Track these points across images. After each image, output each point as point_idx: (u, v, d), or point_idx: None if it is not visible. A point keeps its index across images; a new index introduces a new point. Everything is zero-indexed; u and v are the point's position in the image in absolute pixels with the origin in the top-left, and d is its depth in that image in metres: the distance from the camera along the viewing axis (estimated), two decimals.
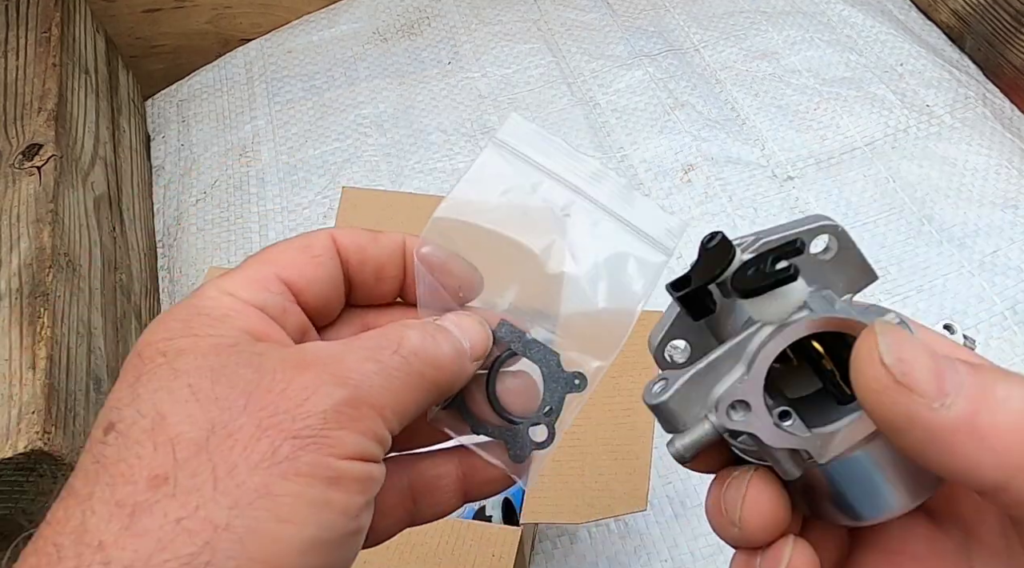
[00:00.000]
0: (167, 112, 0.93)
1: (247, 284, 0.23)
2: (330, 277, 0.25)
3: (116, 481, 0.19)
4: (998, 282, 0.70)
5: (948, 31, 0.90)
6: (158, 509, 0.18)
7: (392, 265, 0.26)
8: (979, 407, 0.17)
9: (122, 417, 0.20)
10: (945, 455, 0.17)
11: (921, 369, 0.17)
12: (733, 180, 0.79)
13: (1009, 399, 0.17)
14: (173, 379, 0.20)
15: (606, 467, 0.46)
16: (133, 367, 0.21)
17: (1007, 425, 0.17)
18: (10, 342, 0.55)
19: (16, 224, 0.61)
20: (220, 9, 0.94)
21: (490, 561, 0.43)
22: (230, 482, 0.19)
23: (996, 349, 0.66)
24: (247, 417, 0.20)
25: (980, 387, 0.17)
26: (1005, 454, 0.17)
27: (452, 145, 0.85)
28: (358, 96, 0.90)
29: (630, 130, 0.84)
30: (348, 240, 0.25)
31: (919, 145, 0.80)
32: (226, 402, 0.20)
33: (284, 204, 0.82)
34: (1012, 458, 0.17)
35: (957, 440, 0.17)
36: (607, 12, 0.96)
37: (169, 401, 0.20)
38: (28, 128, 0.67)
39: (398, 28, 0.97)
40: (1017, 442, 0.17)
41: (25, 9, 0.76)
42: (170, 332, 0.22)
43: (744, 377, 0.20)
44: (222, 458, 0.19)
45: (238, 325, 0.22)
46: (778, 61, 0.89)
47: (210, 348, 0.21)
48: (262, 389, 0.20)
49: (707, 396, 0.21)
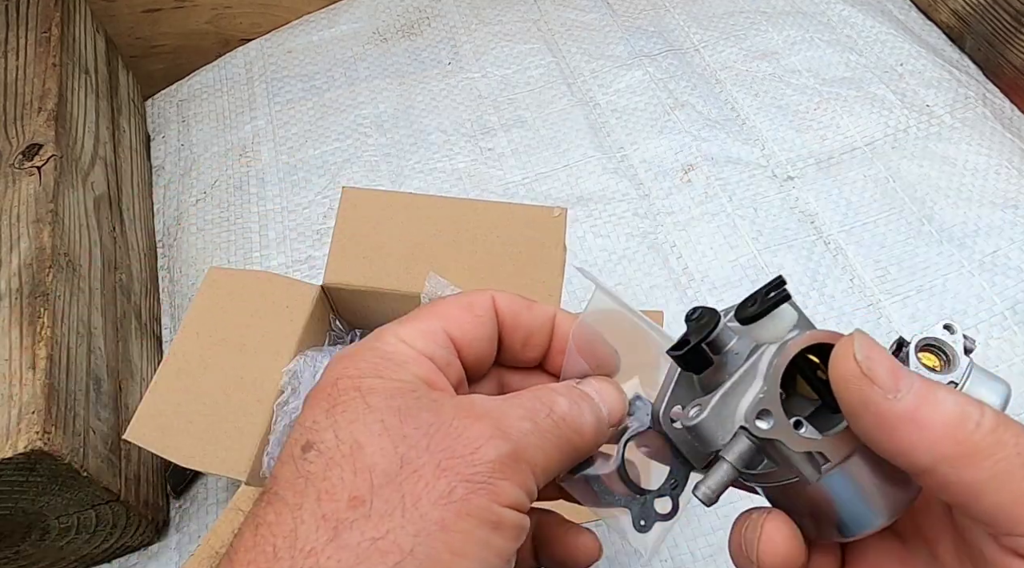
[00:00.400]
0: (167, 112, 0.93)
1: (420, 335, 0.26)
2: (488, 336, 0.28)
3: (322, 497, 0.22)
4: (998, 282, 0.70)
5: (948, 31, 0.90)
6: (356, 527, 0.21)
7: (541, 334, 0.29)
8: (922, 403, 0.21)
9: (322, 439, 0.23)
10: (890, 437, 0.22)
11: (882, 367, 0.22)
12: (733, 180, 0.79)
13: (946, 402, 0.22)
14: (367, 413, 0.23)
15: None
16: (328, 395, 0.24)
17: (941, 420, 0.21)
18: (10, 342, 0.55)
19: (16, 224, 0.61)
20: (220, 9, 0.94)
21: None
22: (415, 513, 0.21)
23: (996, 349, 0.66)
24: (429, 456, 0.22)
25: (926, 390, 0.22)
26: (936, 443, 0.21)
27: (452, 145, 0.85)
28: (358, 96, 0.90)
29: (630, 130, 0.84)
30: (506, 304, 0.28)
31: (919, 145, 0.80)
32: (412, 440, 0.23)
33: (284, 204, 0.82)
34: (941, 447, 0.21)
35: (901, 426, 0.22)
36: (607, 12, 0.96)
37: (365, 433, 0.23)
38: (28, 128, 0.67)
39: (398, 28, 0.97)
40: (946, 435, 0.21)
41: (25, 9, 0.76)
42: (360, 370, 0.25)
43: (762, 390, 0.24)
44: (409, 490, 0.22)
45: (414, 372, 0.25)
46: (778, 61, 0.89)
47: (395, 390, 0.24)
48: (441, 433, 0.23)
49: (733, 415, 0.24)
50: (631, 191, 0.79)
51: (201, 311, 0.56)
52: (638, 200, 0.78)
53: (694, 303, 0.70)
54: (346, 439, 0.23)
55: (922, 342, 0.61)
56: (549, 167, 0.82)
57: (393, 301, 0.58)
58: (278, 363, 0.54)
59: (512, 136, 0.85)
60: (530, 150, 0.84)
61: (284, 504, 0.22)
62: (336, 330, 0.61)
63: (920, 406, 0.21)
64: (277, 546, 0.21)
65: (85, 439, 0.55)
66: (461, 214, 0.59)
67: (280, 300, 0.57)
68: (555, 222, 0.57)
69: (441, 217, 0.59)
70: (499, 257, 0.57)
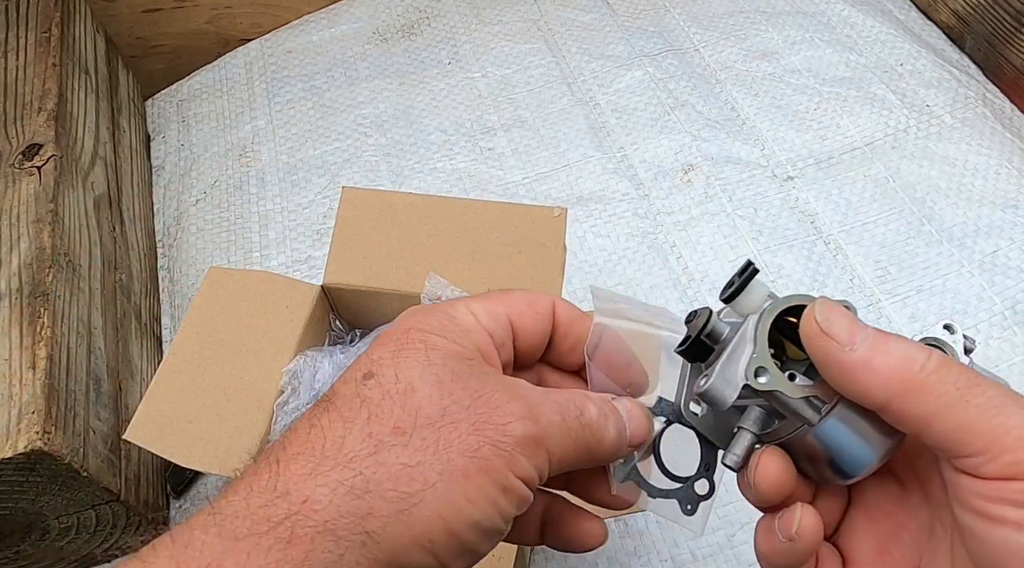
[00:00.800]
0: (167, 112, 0.93)
1: (486, 313, 0.30)
2: (542, 333, 0.31)
3: (372, 419, 0.25)
4: (998, 282, 0.70)
5: (948, 31, 0.90)
6: (394, 451, 0.25)
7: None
8: (875, 352, 0.26)
9: (383, 373, 0.27)
10: (850, 382, 0.26)
11: (839, 325, 0.27)
12: (733, 180, 0.79)
13: (895, 349, 0.26)
14: (427, 366, 0.27)
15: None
16: (396, 339, 0.28)
17: (890, 364, 0.26)
18: (10, 342, 0.55)
19: (16, 224, 0.61)
20: (220, 9, 0.94)
21: (490, 561, 0.43)
22: (445, 456, 0.25)
23: (996, 349, 0.66)
24: (467, 415, 0.26)
25: (878, 340, 0.26)
26: (888, 383, 0.26)
27: (452, 145, 0.85)
28: (358, 96, 0.90)
29: (630, 130, 0.84)
30: (564, 311, 0.32)
31: (919, 145, 0.80)
32: (457, 398, 0.26)
33: (284, 204, 0.82)
34: (892, 386, 0.26)
35: (858, 371, 0.26)
36: (607, 12, 0.96)
37: (420, 380, 0.26)
38: (28, 128, 0.67)
39: (398, 28, 0.97)
40: (896, 376, 0.26)
41: (25, 9, 0.76)
42: (430, 327, 0.28)
43: (754, 351, 0.28)
44: (444, 437, 0.25)
45: (475, 341, 0.29)
46: (778, 61, 0.89)
47: (455, 352, 0.28)
48: (483, 400, 0.26)
49: (735, 376, 0.28)
50: (631, 191, 0.79)
51: (201, 311, 0.56)
52: (638, 200, 0.78)
53: (694, 303, 0.70)
54: (403, 379, 0.26)
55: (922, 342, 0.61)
56: (549, 167, 0.82)
57: (393, 301, 0.58)
58: (278, 363, 0.54)
59: (512, 136, 0.85)
60: (530, 150, 0.84)
61: (339, 415, 0.26)
62: (336, 330, 0.61)
63: (873, 354, 0.26)
64: (326, 447, 0.25)
65: (85, 439, 0.55)
66: (461, 214, 0.59)
67: (280, 300, 0.57)
68: (555, 222, 0.57)
69: (441, 217, 0.59)
70: (499, 257, 0.57)
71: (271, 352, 0.55)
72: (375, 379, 0.27)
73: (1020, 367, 0.65)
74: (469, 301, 0.30)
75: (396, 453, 0.25)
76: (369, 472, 0.24)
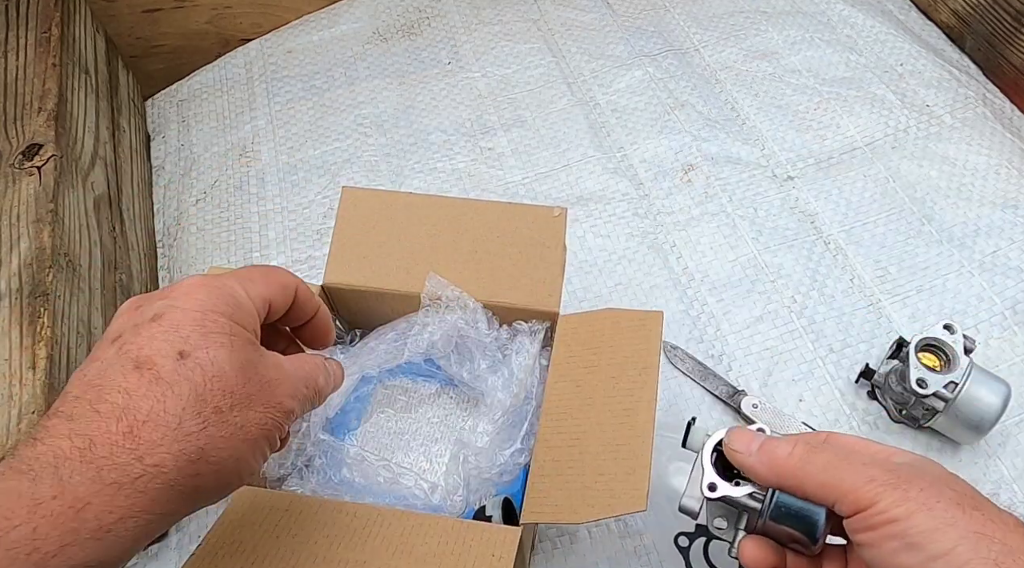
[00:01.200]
0: (167, 112, 0.93)
1: (259, 298, 0.38)
2: (285, 309, 0.41)
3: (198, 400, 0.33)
4: (998, 282, 0.70)
5: (948, 31, 0.90)
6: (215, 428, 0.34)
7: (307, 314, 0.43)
8: (761, 454, 0.40)
9: (198, 355, 0.34)
10: (756, 477, 0.41)
11: (739, 443, 0.41)
12: (733, 180, 0.79)
13: (772, 449, 0.40)
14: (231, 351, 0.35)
15: (606, 467, 0.46)
16: (199, 321, 0.35)
17: (769, 460, 0.40)
18: (10, 342, 0.55)
19: (16, 224, 0.61)
20: (220, 9, 0.94)
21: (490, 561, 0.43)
22: (246, 430, 0.35)
23: (996, 349, 0.66)
24: (260, 398, 0.35)
25: (764, 445, 0.40)
26: (771, 472, 0.40)
27: (452, 145, 0.85)
28: (358, 96, 0.90)
29: (630, 130, 0.84)
30: (303, 293, 0.42)
31: (919, 145, 0.80)
32: (254, 385, 0.35)
33: (284, 204, 0.82)
34: (774, 474, 0.40)
35: (756, 470, 0.40)
36: (607, 12, 0.96)
37: (229, 366, 0.34)
38: (28, 128, 0.67)
39: (398, 28, 0.97)
40: (774, 467, 0.40)
41: (25, 9, 0.76)
42: (224, 311, 0.36)
43: (704, 474, 0.43)
44: (246, 416, 0.35)
45: (254, 326, 0.37)
46: (778, 61, 0.89)
47: (247, 340, 0.36)
48: (268, 386, 0.36)
49: (696, 492, 0.43)
50: (631, 191, 0.79)
51: None
52: (638, 200, 0.78)
53: (694, 303, 0.70)
54: (216, 364, 0.34)
55: (922, 342, 0.61)
56: (549, 167, 0.82)
57: (393, 301, 0.58)
58: None
59: (512, 136, 0.85)
60: (530, 150, 0.84)
61: (170, 390, 0.33)
62: (336, 330, 0.61)
63: (760, 456, 0.40)
64: (168, 421, 0.32)
65: None
66: (461, 214, 0.59)
67: None
68: (555, 222, 0.57)
69: (441, 217, 0.59)
70: (499, 257, 0.57)
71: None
72: (193, 360, 0.33)
73: (1020, 367, 0.65)
74: (243, 282, 0.38)
75: (217, 429, 0.33)
76: (200, 444, 0.33)
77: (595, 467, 0.46)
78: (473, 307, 0.56)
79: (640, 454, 0.46)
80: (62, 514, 0.30)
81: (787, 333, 0.68)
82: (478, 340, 0.56)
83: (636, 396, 0.49)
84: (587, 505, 0.45)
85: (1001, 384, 0.58)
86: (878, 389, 0.64)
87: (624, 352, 0.51)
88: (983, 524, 0.34)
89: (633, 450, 0.46)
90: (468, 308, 0.56)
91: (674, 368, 0.67)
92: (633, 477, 0.45)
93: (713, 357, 0.67)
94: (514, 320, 0.57)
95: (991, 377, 0.59)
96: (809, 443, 0.39)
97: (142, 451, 0.31)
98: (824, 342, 0.67)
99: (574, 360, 0.53)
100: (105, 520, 0.31)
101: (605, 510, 0.44)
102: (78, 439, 0.31)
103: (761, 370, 0.66)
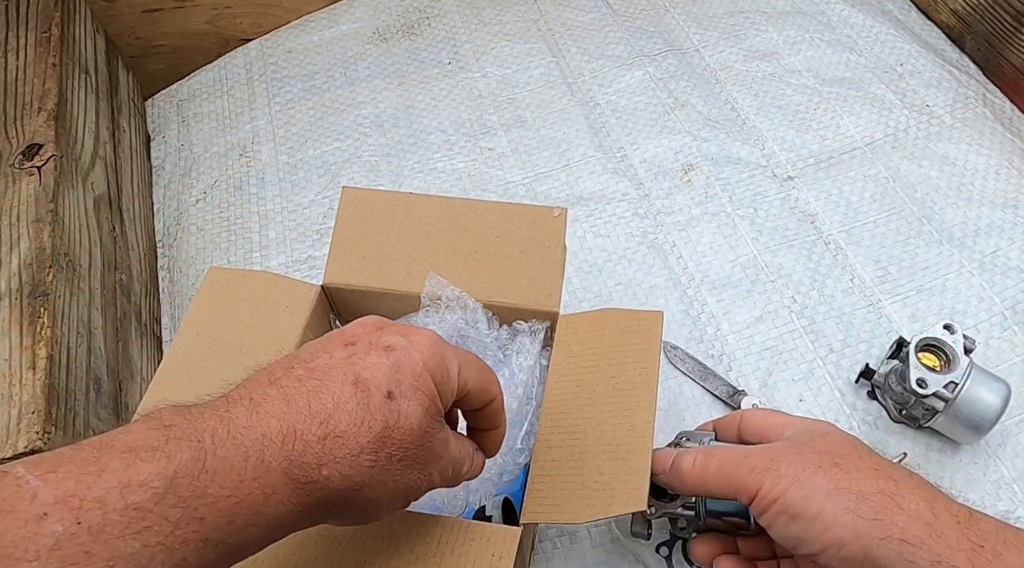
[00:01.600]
0: (167, 112, 0.93)
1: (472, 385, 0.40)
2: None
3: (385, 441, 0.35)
4: (998, 282, 0.70)
5: (948, 31, 0.90)
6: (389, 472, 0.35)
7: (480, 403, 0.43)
8: (674, 471, 0.46)
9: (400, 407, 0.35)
10: (672, 488, 0.47)
11: (656, 466, 0.46)
12: (733, 180, 0.79)
13: (683, 463, 0.45)
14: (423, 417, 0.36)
15: (606, 467, 0.46)
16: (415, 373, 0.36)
17: (680, 473, 0.45)
18: (10, 342, 0.55)
19: (16, 224, 0.61)
20: (220, 9, 0.94)
21: (490, 561, 0.43)
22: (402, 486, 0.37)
23: (996, 349, 0.66)
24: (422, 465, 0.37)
25: (675, 464, 0.46)
26: (686, 486, 0.45)
27: (452, 145, 0.85)
28: (358, 96, 0.90)
29: (630, 130, 0.84)
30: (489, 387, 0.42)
31: (919, 145, 0.80)
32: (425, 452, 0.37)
33: (284, 204, 0.82)
34: (687, 488, 0.45)
35: (673, 484, 0.46)
36: (607, 12, 0.96)
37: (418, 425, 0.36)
38: (28, 128, 0.67)
39: (398, 28, 0.97)
40: (684, 476, 0.45)
41: (25, 9, 0.76)
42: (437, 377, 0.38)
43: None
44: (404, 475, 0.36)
45: (448, 401, 0.39)
46: (778, 61, 0.89)
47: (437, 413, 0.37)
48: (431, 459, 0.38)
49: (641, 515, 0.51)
50: (631, 191, 0.79)
51: (201, 311, 0.56)
52: (638, 200, 0.78)
53: (694, 303, 0.70)
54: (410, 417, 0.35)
55: (922, 342, 0.61)
56: (549, 167, 0.82)
57: (393, 301, 0.58)
58: None
59: (512, 136, 0.85)
60: (530, 150, 0.84)
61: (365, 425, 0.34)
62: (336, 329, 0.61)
63: (674, 471, 0.46)
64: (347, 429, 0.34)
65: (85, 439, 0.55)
66: (461, 214, 0.59)
67: (280, 300, 0.57)
68: (555, 222, 0.57)
69: (441, 217, 0.59)
70: (499, 257, 0.57)
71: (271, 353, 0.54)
72: (396, 405, 0.34)
73: (1020, 367, 0.65)
74: (462, 362, 0.38)
75: (380, 473, 0.34)
76: (363, 478, 0.34)
77: (595, 467, 0.46)
78: (473, 307, 0.56)
79: (640, 454, 0.46)
80: (256, 496, 0.31)
81: (787, 333, 0.68)
82: (478, 340, 0.56)
83: (636, 396, 0.48)
84: (587, 505, 0.45)
85: (1001, 384, 0.58)
86: (878, 389, 0.64)
87: (624, 352, 0.51)
88: (840, 479, 0.40)
89: (633, 450, 0.46)
90: (468, 308, 0.56)
91: (674, 368, 0.67)
92: (633, 477, 0.45)
93: (713, 357, 0.67)
94: (514, 320, 0.57)
95: (991, 377, 0.59)
96: (706, 450, 0.45)
97: (325, 460, 0.32)
98: (824, 342, 0.68)
99: (574, 360, 0.53)
100: (269, 512, 0.31)
101: (605, 510, 0.44)
102: (285, 425, 0.32)
103: (761, 370, 0.66)
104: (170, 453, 0.29)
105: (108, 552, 0.26)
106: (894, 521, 0.38)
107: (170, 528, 0.28)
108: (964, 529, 0.37)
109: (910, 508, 0.38)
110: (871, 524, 0.38)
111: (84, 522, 0.26)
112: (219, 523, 0.29)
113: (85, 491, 0.27)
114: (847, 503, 0.39)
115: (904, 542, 0.37)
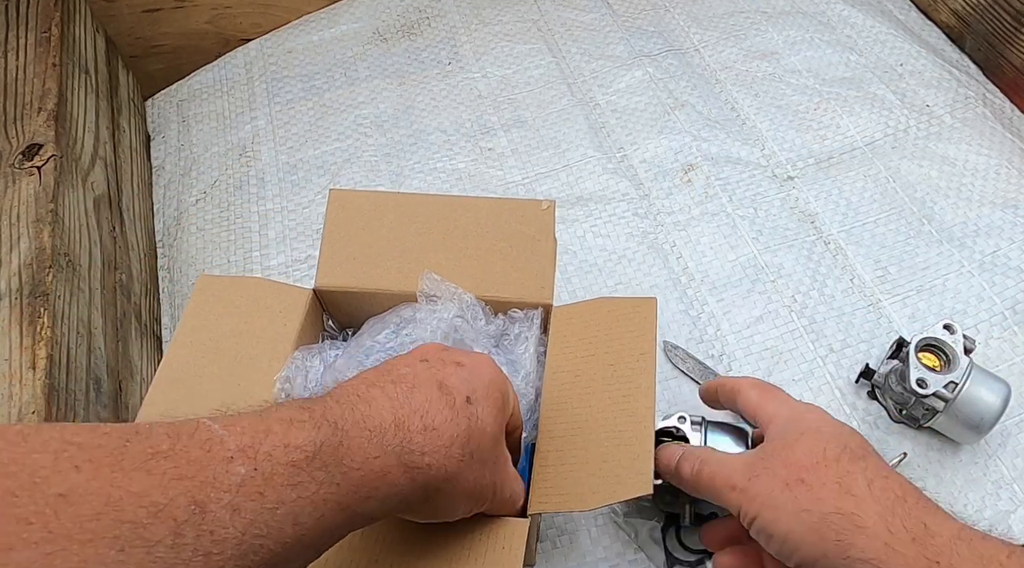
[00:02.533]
0: (167, 112, 0.93)
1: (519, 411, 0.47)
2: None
3: (467, 441, 0.39)
4: (998, 282, 0.70)
5: (948, 31, 0.90)
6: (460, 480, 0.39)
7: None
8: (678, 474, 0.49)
9: (479, 413, 0.40)
10: (673, 482, 0.50)
11: (660, 465, 0.50)
12: (733, 180, 0.79)
13: (683, 469, 0.48)
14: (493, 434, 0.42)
15: (609, 453, 0.46)
16: (491, 387, 0.42)
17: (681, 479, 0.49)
18: (10, 342, 0.55)
19: (16, 224, 0.61)
20: (220, 9, 0.94)
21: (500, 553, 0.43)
22: (465, 503, 0.42)
23: (996, 349, 0.66)
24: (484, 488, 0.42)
25: (678, 468, 0.49)
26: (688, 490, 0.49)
27: (452, 145, 0.85)
28: (358, 96, 0.90)
29: (630, 130, 0.84)
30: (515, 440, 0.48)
31: (919, 145, 0.80)
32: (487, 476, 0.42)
33: (284, 204, 0.82)
34: (688, 492, 0.49)
35: (675, 483, 0.50)
36: (607, 12, 0.96)
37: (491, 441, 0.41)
38: (28, 128, 0.67)
39: (398, 28, 0.97)
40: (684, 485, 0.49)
41: (25, 9, 0.76)
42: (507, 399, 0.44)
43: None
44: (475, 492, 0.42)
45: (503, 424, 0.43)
46: (778, 61, 0.89)
47: (497, 436, 0.42)
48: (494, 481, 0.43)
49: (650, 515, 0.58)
50: (631, 191, 0.79)
51: (194, 320, 0.55)
52: (638, 200, 0.78)
53: (694, 303, 0.70)
54: (485, 420, 0.40)
55: (922, 342, 0.61)
56: (549, 167, 0.82)
57: (387, 301, 0.58)
58: (274, 369, 0.54)
59: (512, 136, 0.85)
60: (530, 150, 0.84)
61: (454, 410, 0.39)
62: (330, 330, 0.61)
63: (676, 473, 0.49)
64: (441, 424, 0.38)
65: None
66: (450, 211, 0.59)
67: (273, 305, 0.56)
68: (544, 215, 0.57)
69: (430, 215, 0.59)
70: (490, 252, 0.57)
71: (267, 358, 0.54)
72: (475, 408, 0.39)
73: (1020, 367, 0.65)
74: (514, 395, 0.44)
75: (466, 467, 0.39)
76: (454, 469, 0.38)
77: (599, 454, 0.46)
78: (470, 301, 0.56)
79: (643, 439, 0.46)
80: (378, 472, 0.35)
81: (787, 333, 0.68)
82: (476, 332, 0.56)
83: (635, 382, 0.49)
84: (593, 492, 0.45)
85: (1001, 384, 0.58)
86: (878, 389, 0.64)
87: (620, 340, 0.52)
88: (804, 498, 0.41)
89: (636, 435, 0.46)
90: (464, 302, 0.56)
91: (674, 368, 0.67)
92: (637, 462, 0.45)
93: (713, 357, 0.67)
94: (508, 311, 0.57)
95: (991, 377, 0.59)
96: (702, 458, 0.48)
97: (427, 449, 0.36)
98: (824, 342, 0.67)
99: (570, 350, 0.53)
100: (385, 489, 0.35)
101: (611, 496, 0.44)
102: (395, 417, 0.36)
103: (761, 370, 0.66)
104: (317, 425, 0.34)
105: (275, 497, 0.31)
106: (853, 542, 0.39)
107: (316, 487, 0.32)
108: (919, 547, 0.39)
109: (867, 527, 0.40)
110: (833, 545, 0.40)
111: (259, 469, 0.31)
112: (350, 490, 0.34)
113: (258, 445, 0.32)
114: (811, 523, 0.41)
115: (865, 562, 0.39)
